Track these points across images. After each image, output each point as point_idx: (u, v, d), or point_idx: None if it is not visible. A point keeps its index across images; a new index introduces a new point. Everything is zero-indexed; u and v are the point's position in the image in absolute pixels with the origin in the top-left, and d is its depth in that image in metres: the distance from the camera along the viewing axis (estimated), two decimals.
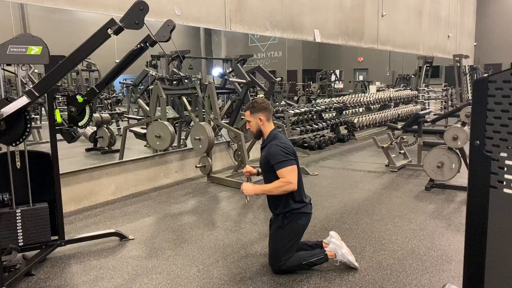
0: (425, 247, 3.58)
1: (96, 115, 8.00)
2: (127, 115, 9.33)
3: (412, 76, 14.30)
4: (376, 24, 10.60)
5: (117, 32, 2.76)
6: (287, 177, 3.01)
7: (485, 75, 1.11)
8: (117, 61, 3.35)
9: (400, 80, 16.25)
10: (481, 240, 1.04)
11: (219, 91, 6.59)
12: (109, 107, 10.19)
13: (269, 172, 3.16)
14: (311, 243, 3.39)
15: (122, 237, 3.91)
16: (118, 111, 9.92)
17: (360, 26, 10.03)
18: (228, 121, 6.13)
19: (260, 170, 3.36)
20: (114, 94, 11.47)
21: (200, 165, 5.86)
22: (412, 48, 12.52)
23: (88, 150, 8.15)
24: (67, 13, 6.30)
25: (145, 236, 4.00)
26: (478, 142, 1.04)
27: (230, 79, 6.13)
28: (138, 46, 3.13)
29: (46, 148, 3.66)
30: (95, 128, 8.00)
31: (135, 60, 3.26)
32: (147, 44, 3.13)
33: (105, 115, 8.23)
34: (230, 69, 6.35)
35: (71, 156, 7.42)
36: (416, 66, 13.26)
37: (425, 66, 12.85)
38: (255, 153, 6.78)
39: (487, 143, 1.03)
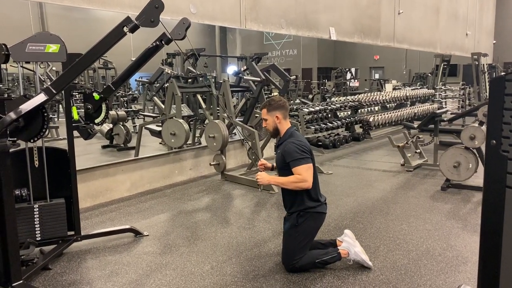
0: (441, 247, 3.53)
1: (112, 112, 8.10)
2: (142, 113, 9.42)
3: (429, 74, 14.12)
4: (393, 22, 10.49)
5: (133, 30, 2.77)
6: (303, 175, 3.00)
7: (503, 73, 1.08)
8: (133, 59, 3.38)
9: (416, 79, 16.08)
10: (497, 241, 1.03)
11: (234, 89, 6.61)
12: (125, 104, 10.30)
13: (284, 170, 3.15)
14: (324, 241, 3.38)
15: (136, 233, 3.95)
16: (134, 109, 10.04)
17: (376, 23, 9.93)
18: (242, 119, 6.14)
19: (275, 165, 3.36)
20: (130, 92, 11.60)
21: (214, 162, 5.88)
22: (429, 46, 12.34)
23: (104, 147, 8.27)
24: (85, 11, 6.38)
25: (160, 232, 4.04)
26: (494, 141, 1.02)
27: (244, 77, 6.13)
28: (154, 44, 3.14)
29: (63, 144, 3.72)
30: (111, 126, 8.10)
31: (150, 58, 3.28)
32: (163, 42, 3.13)
33: (121, 112, 8.33)
34: (245, 67, 6.36)
35: (87, 152, 7.53)
36: (433, 64, 13.10)
37: (442, 64, 12.67)
38: (269, 151, 6.77)
39: (504, 142, 1.01)
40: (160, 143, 7.67)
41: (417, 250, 3.49)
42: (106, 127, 8.19)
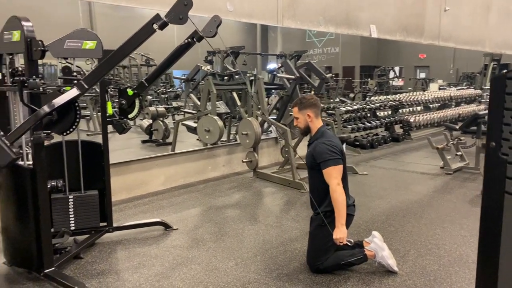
0: (475, 255, 3.34)
1: (151, 108, 8.31)
2: (183, 109, 9.60)
3: (477, 74, 13.52)
4: (438, 19, 10.10)
5: (162, 27, 2.82)
6: (334, 179, 2.95)
7: (504, 71, 1.00)
8: None
9: (463, 78, 15.45)
10: (495, 248, 0.96)
11: (268, 86, 6.60)
12: (166, 101, 10.54)
13: (314, 169, 3.12)
14: None
15: (166, 226, 4.03)
16: (175, 105, 10.25)
17: (420, 21, 9.60)
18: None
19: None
20: (171, 89, 11.85)
21: (246, 160, 5.90)
22: (477, 44, 11.78)
23: (144, 142, 8.50)
24: (129, 10, 6.55)
25: (189, 227, 4.10)
26: (493, 143, 0.95)
27: (278, 74, 6.10)
28: (185, 41, 3.18)
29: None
30: (151, 121, 8.31)
31: (182, 55, 3.32)
32: (194, 39, 3.17)
33: (161, 109, 8.52)
34: (280, 65, 6.33)
35: (127, 147, 7.77)
36: (481, 63, 12.54)
37: (491, 64, 12.10)
38: (303, 149, 6.71)
39: (504, 145, 0.94)
40: (197, 140, 7.78)
41: (449, 256, 3.35)
42: (146, 122, 8.42)
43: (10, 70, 2.95)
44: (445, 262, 3.25)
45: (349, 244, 2.99)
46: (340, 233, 2.92)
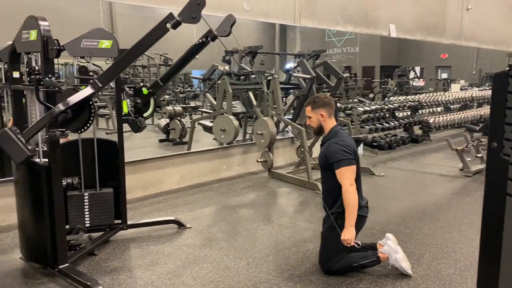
0: None
1: (169, 108, 8.37)
2: (201, 109, 9.64)
3: None
4: (460, 18, 9.90)
5: (175, 26, 2.83)
6: (346, 179, 2.92)
7: (507, 68, 0.96)
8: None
9: (486, 79, 15.12)
10: (496, 250, 0.92)
11: (284, 86, 6.56)
12: (183, 100, 10.61)
13: (326, 169, 3.09)
14: (364, 244, 3.26)
15: (180, 225, 4.05)
16: (193, 105, 10.31)
17: (441, 20, 9.43)
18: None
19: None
20: (189, 89, 11.92)
21: (261, 159, 5.88)
22: (502, 44, 11.50)
23: (161, 141, 8.57)
24: (147, 10, 6.61)
25: (202, 225, 4.11)
26: (495, 144, 0.91)
27: (294, 74, 6.07)
28: (200, 40, 3.19)
29: (125, 136, 3.84)
30: (168, 120, 8.38)
31: (196, 54, 3.33)
32: (208, 38, 3.17)
33: (178, 108, 8.58)
34: (296, 64, 6.30)
35: (145, 146, 7.85)
36: (506, 63, 12.24)
37: None
38: (319, 150, 6.67)
39: (506, 145, 0.89)
40: (213, 139, 7.80)
41: (465, 260, 3.27)
42: (164, 121, 8.49)
43: (27, 69, 3.00)
44: (461, 266, 3.18)
45: (356, 246, 2.95)
46: (348, 234, 2.89)
